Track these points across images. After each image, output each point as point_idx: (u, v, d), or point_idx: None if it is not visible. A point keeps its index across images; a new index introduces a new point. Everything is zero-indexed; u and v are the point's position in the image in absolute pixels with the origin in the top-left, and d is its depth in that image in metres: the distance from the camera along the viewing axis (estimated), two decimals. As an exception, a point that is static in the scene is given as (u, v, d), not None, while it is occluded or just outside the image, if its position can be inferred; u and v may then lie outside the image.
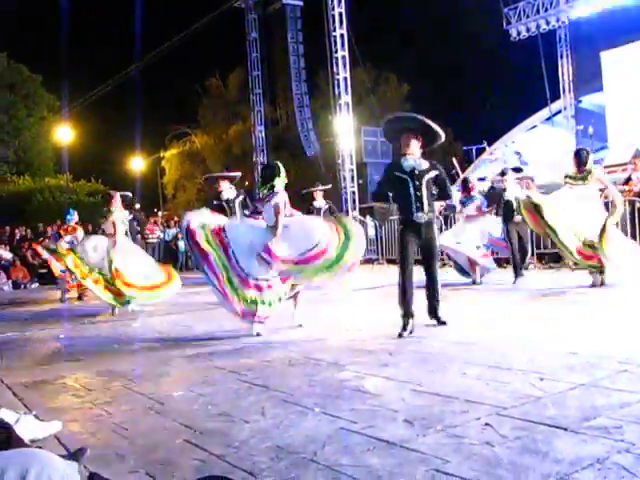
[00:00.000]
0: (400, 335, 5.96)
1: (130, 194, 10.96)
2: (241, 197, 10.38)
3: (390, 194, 6.61)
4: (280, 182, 6.74)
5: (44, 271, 17.93)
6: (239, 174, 10.89)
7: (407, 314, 6.11)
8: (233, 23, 30.02)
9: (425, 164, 6.26)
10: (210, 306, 8.50)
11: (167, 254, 20.91)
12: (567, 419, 3.12)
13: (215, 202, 10.10)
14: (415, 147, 6.26)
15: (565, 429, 2.99)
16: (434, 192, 6.32)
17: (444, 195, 6.58)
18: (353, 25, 21.80)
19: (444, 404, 3.57)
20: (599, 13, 22.20)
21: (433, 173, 6.27)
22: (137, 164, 38.98)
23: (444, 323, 6.34)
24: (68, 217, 13.17)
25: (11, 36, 31.61)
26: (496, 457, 2.72)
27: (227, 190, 10.27)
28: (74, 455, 2.83)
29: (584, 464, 2.56)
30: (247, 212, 10.10)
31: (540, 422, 3.11)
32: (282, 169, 6.85)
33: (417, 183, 6.17)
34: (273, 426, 3.40)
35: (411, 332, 6.04)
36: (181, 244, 20.31)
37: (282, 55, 36.24)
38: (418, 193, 6.17)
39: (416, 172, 6.19)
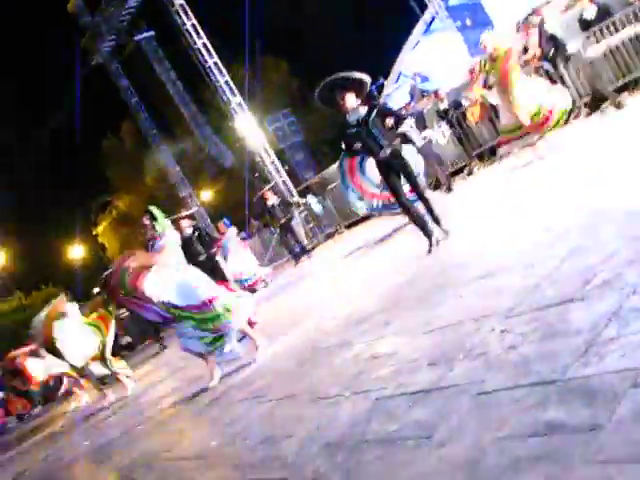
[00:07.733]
0: (429, 251, 6.49)
1: None
2: None
3: (358, 145, 6.94)
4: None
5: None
6: None
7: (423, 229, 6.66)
8: (101, 78, 29.65)
9: (363, 109, 6.75)
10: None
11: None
12: (569, 290, 3.14)
13: None
14: (351, 100, 6.72)
15: (572, 300, 3.01)
16: (389, 124, 6.68)
17: (397, 119, 6.85)
18: (211, 29, 21.69)
19: (455, 331, 3.57)
20: None
21: (373, 111, 6.69)
22: (76, 252, 38.38)
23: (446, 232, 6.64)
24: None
25: None
26: (523, 356, 2.74)
27: None
28: None
29: (603, 323, 2.59)
30: None
31: (547, 305, 3.13)
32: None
33: (367, 128, 6.67)
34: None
35: (437, 243, 6.53)
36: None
37: (159, 87, 35.82)
38: (372, 136, 6.67)
39: (361, 120, 6.70)
